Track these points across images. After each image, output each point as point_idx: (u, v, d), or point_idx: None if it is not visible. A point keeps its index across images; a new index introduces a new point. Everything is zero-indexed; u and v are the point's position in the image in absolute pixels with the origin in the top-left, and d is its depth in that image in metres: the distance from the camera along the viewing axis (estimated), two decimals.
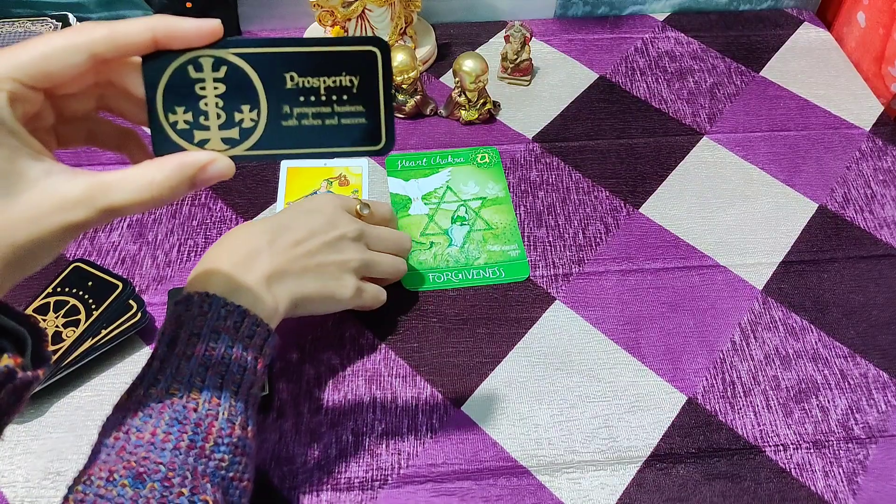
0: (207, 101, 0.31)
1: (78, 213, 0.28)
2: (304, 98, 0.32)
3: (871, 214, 0.68)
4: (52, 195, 0.28)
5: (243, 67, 0.31)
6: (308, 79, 0.32)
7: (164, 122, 0.31)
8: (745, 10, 0.89)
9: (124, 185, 0.29)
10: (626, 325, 0.59)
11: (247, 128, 0.32)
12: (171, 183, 0.30)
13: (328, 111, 0.33)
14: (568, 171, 0.70)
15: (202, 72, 0.31)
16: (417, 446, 0.52)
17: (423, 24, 0.81)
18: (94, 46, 0.29)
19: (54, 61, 0.28)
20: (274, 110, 0.32)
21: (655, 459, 0.52)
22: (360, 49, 0.33)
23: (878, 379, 0.56)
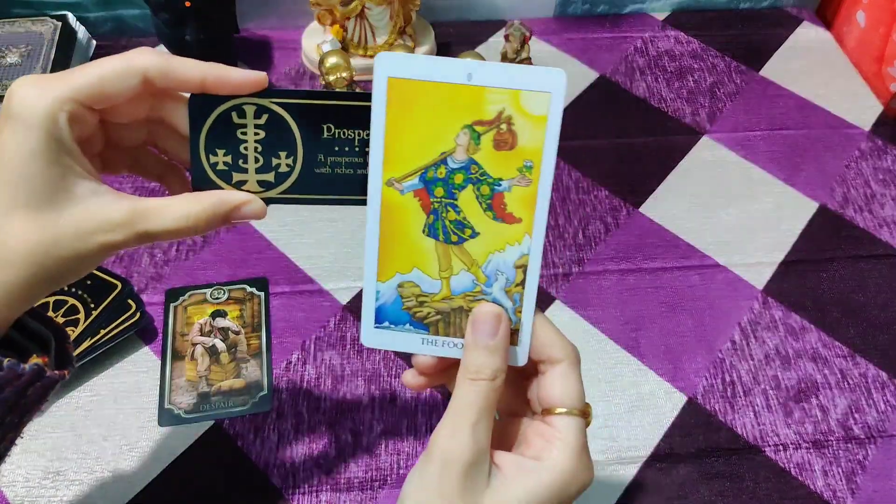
0: (247, 146, 0.33)
1: (118, 234, 0.30)
2: (338, 148, 0.34)
3: (870, 214, 0.68)
4: (97, 215, 0.30)
5: (284, 116, 0.33)
6: (344, 130, 0.33)
7: (204, 162, 0.33)
8: (744, 8, 0.89)
9: (164, 214, 0.31)
10: (626, 325, 0.59)
11: (282, 172, 0.34)
12: (207, 217, 0.32)
13: (360, 162, 0.34)
14: (568, 170, 0.70)
15: (245, 118, 0.33)
16: (417, 446, 0.52)
17: (423, 22, 0.81)
18: (148, 72, 0.30)
19: (110, 83, 0.30)
20: (309, 158, 0.34)
21: (655, 459, 0.52)
22: None
23: (877, 379, 0.56)
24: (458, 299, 0.33)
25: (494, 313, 0.32)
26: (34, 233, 0.29)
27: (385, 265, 0.34)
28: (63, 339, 0.35)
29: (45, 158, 0.28)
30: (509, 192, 0.32)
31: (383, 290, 0.34)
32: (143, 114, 0.33)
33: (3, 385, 0.30)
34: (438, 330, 0.34)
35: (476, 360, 0.32)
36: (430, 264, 0.33)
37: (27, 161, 0.28)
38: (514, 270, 0.33)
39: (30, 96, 0.28)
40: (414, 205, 0.32)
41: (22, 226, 0.29)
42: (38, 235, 0.29)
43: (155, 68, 0.30)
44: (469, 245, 0.33)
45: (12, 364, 0.30)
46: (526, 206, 0.32)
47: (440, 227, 0.33)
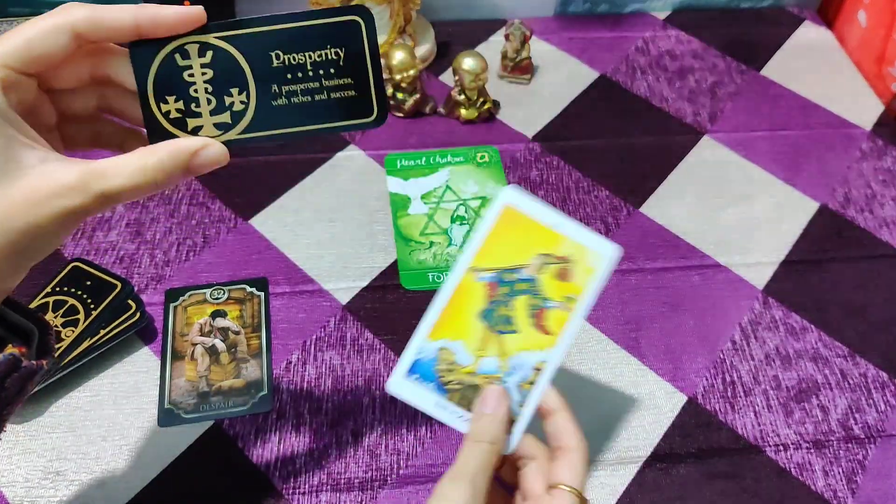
0: (197, 88, 0.32)
1: (74, 198, 0.28)
2: (291, 75, 0.32)
3: (871, 214, 0.68)
4: (48, 181, 0.28)
5: (229, 50, 0.32)
6: (293, 55, 0.32)
7: (156, 112, 0.32)
8: (745, 8, 0.89)
9: (118, 170, 0.29)
10: (627, 325, 0.59)
11: (238, 111, 0.32)
12: (165, 167, 0.30)
13: (317, 86, 0.33)
14: (568, 170, 0.70)
15: (189, 59, 0.31)
16: (417, 446, 0.52)
17: (423, 22, 0.81)
18: (76, 26, 0.29)
19: (39, 43, 0.28)
20: (263, 91, 0.32)
21: (655, 459, 0.52)
22: (341, 20, 0.32)
23: (877, 379, 0.56)
24: (479, 377, 0.39)
25: (500, 391, 0.38)
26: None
27: (439, 328, 0.39)
28: (45, 330, 0.34)
29: None
30: (550, 311, 0.39)
31: (427, 348, 0.39)
32: (85, 74, 0.32)
33: None
34: (454, 398, 0.39)
35: (479, 426, 0.37)
36: (472, 341, 0.39)
37: None
38: (532, 371, 0.39)
39: None
40: (482, 292, 0.40)
41: None
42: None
43: (83, 21, 0.29)
44: (507, 338, 0.39)
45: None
46: (559, 325, 0.39)
47: (493, 316, 0.39)
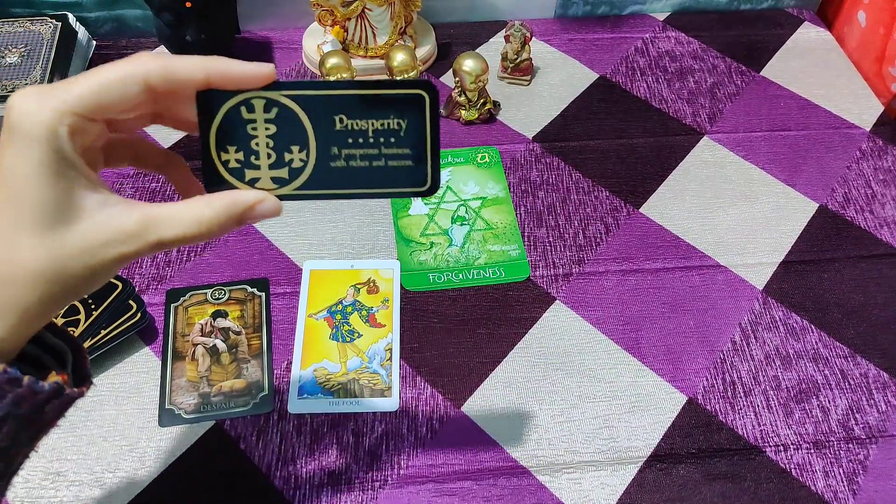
0: (259, 141, 0.32)
1: (130, 245, 0.29)
2: (352, 140, 0.33)
3: (871, 214, 0.68)
4: (107, 227, 0.29)
5: (294, 109, 0.32)
6: (357, 121, 0.32)
7: (216, 160, 0.32)
8: (745, 9, 0.89)
9: (175, 220, 0.30)
10: (627, 325, 0.59)
11: (296, 168, 0.33)
12: (220, 220, 0.31)
13: (376, 153, 0.33)
14: (568, 171, 0.70)
15: (254, 112, 0.32)
16: (417, 446, 0.52)
17: (423, 23, 0.81)
18: (148, 78, 0.29)
19: (110, 93, 0.29)
20: (323, 151, 0.33)
21: (656, 459, 0.52)
22: (408, 92, 0.33)
23: (878, 379, 0.56)
24: (352, 374, 0.55)
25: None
26: (43, 252, 0.28)
27: (305, 359, 0.56)
28: (80, 353, 0.34)
29: (49, 174, 0.27)
30: (377, 313, 0.58)
31: (304, 374, 0.55)
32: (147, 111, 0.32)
33: (21, 402, 0.29)
34: (339, 395, 0.54)
35: None
36: (334, 355, 0.56)
37: (30, 178, 0.27)
38: (384, 352, 0.56)
39: (29, 110, 0.27)
40: (323, 325, 0.58)
41: (30, 245, 0.28)
42: (48, 254, 0.28)
43: (156, 74, 0.29)
44: (357, 342, 0.57)
45: (31, 382, 0.29)
46: (387, 319, 0.58)
47: (340, 335, 0.57)
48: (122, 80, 0.29)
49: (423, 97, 0.33)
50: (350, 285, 0.60)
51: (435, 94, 0.33)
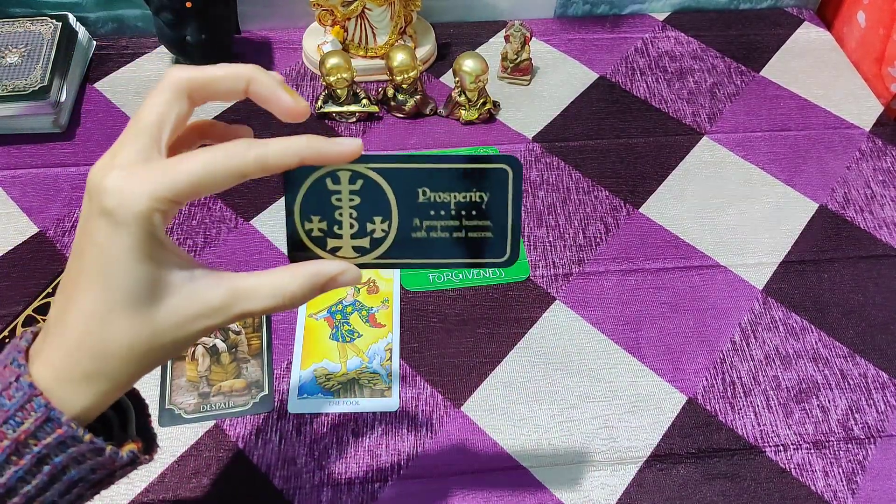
0: (342, 212, 0.33)
1: (216, 318, 0.30)
2: (434, 212, 0.33)
3: (870, 214, 0.68)
4: (195, 303, 0.30)
5: (378, 181, 0.32)
6: (439, 194, 0.33)
7: (300, 229, 0.33)
8: (745, 9, 0.89)
9: (260, 293, 0.31)
10: (626, 325, 0.59)
11: (377, 238, 0.33)
12: (303, 292, 0.31)
13: (456, 225, 0.33)
14: (568, 170, 0.70)
15: (339, 184, 0.32)
16: (417, 446, 0.52)
17: (423, 23, 0.81)
18: (245, 171, 0.29)
19: (206, 184, 0.29)
20: (404, 222, 0.33)
21: (655, 459, 0.52)
22: (492, 167, 0.33)
23: (877, 379, 0.56)
24: (351, 374, 0.55)
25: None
26: (136, 329, 0.29)
27: (305, 359, 0.55)
28: (142, 409, 0.36)
29: (142, 256, 0.28)
30: (376, 313, 0.58)
31: (304, 375, 0.54)
32: None
33: (97, 468, 0.31)
34: (339, 395, 0.54)
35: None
36: (334, 355, 0.56)
37: (124, 260, 0.28)
38: (384, 352, 0.56)
39: (126, 195, 0.28)
40: (323, 325, 0.57)
41: (124, 324, 0.29)
42: (140, 331, 0.29)
43: (254, 167, 0.29)
44: (357, 342, 0.57)
45: (113, 452, 0.30)
46: (387, 319, 0.58)
47: (340, 335, 0.57)
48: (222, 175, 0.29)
49: (507, 172, 0.33)
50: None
51: (519, 169, 0.33)
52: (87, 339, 0.29)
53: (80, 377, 0.29)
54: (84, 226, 0.29)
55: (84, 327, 0.29)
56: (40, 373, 0.29)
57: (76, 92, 0.74)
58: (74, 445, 0.29)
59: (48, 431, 0.29)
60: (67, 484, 0.30)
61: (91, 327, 0.29)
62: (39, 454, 0.29)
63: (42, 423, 0.29)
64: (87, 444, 0.29)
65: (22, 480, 0.29)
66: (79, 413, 0.29)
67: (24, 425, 0.29)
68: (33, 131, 0.70)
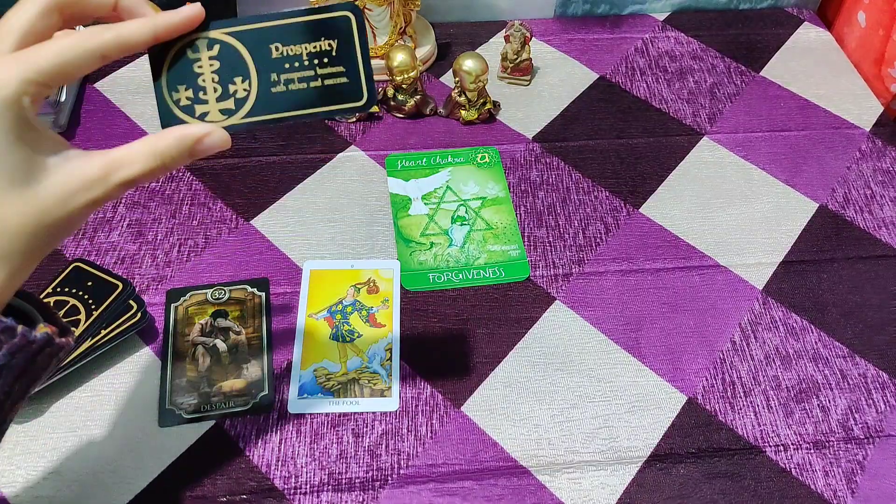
0: (205, 78, 0.35)
1: (98, 189, 0.32)
2: (289, 65, 0.36)
3: (870, 215, 0.68)
4: (74, 178, 0.31)
5: (233, 44, 0.35)
6: (291, 47, 0.36)
7: (168, 100, 0.35)
8: (745, 9, 0.89)
9: (133, 158, 0.32)
10: (626, 325, 0.59)
11: (240, 98, 0.35)
12: (173, 153, 0.33)
13: (311, 74, 0.36)
14: (568, 171, 0.70)
15: (199, 52, 0.35)
16: (417, 446, 0.52)
17: (423, 23, 0.81)
18: (104, 50, 0.32)
19: (69, 65, 0.30)
20: (263, 79, 0.36)
21: (655, 459, 0.52)
22: (334, 16, 0.36)
23: (877, 379, 0.56)
24: (351, 374, 0.55)
25: None
26: (21, 209, 0.30)
27: (305, 359, 0.55)
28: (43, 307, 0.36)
29: (14, 139, 0.29)
30: (377, 313, 0.58)
31: (304, 374, 0.54)
32: None
33: (15, 352, 0.31)
34: (339, 394, 0.54)
35: None
36: (334, 355, 0.56)
37: None
38: (384, 352, 0.56)
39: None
40: (323, 324, 0.57)
41: (7, 206, 0.30)
42: (25, 211, 0.30)
43: (111, 46, 0.31)
44: (357, 342, 0.57)
45: (25, 331, 0.31)
46: (387, 319, 0.58)
47: (340, 335, 0.57)
48: (81, 53, 0.31)
49: (350, 17, 0.36)
50: (350, 285, 0.60)
51: (359, 14, 0.36)
52: None
53: None
54: None
55: None
56: None
57: (76, 92, 0.74)
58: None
59: None
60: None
61: None
62: None
63: None
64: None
65: None
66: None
67: None
68: None
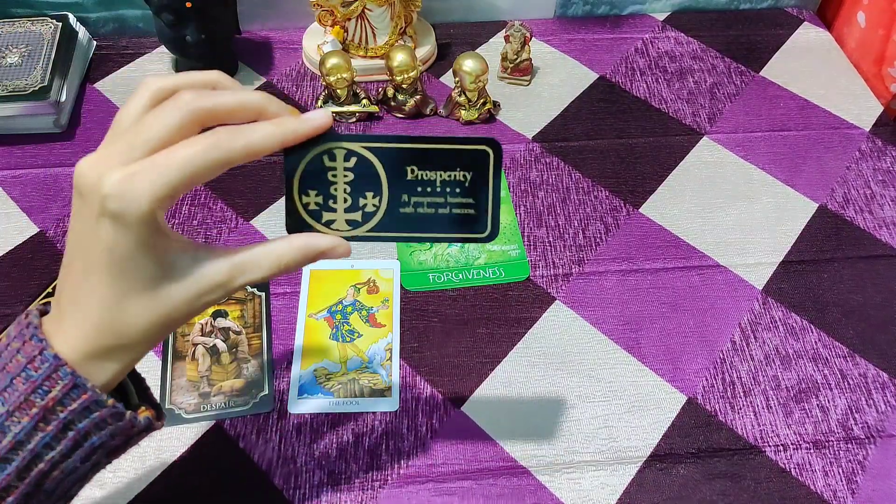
0: (337, 187, 0.35)
1: (222, 291, 0.33)
2: (421, 189, 0.36)
3: (870, 215, 0.68)
4: (202, 281, 0.32)
5: (371, 159, 0.35)
6: (427, 172, 0.36)
7: (297, 203, 0.35)
8: (745, 9, 0.89)
9: (258, 264, 0.33)
10: (626, 325, 0.59)
11: (369, 212, 0.36)
12: (297, 262, 0.34)
13: (442, 201, 0.36)
14: (568, 171, 0.70)
15: (335, 161, 0.35)
16: (417, 446, 0.52)
17: (423, 23, 0.81)
18: (232, 160, 0.31)
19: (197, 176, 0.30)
20: (394, 198, 0.36)
21: (655, 459, 0.52)
22: (475, 148, 0.36)
23: (877, 379, 0.56)
24: (352, 374, 0.55)
25: None
26: (150, 310, 0.31)
27: (305, 359, 0.55)
28: (139, 382, 0.37)
29: (148, 249, 0.30)
30: (377, 313, 0.58)
31: (304, 374, 0.55)
32: None
33: (117, 433, 0.33)
34: (339, 394, 0.54)
35: None
36: (334, 355, 0.56)
37: (133, 256, 0.30)
38: (384, 352, 0.56)
39: (128, 199, 0.29)
40: (324, 325, 0.57)
41: (139, 308, 0.31)
42: (154, 311, 0.32)
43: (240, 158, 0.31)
44: (357, 342, 0.57)
45: (132, 416, 0.33)
46: (387, 319, 0.58)
47: (340, 334, 0.57)
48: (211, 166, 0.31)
49: (488, 153, 0.36)
50: (350, 285, 0.60)
51: (499, 151, 0.36)
52: (105, 322, 0.31)
53: (102, 352, 0.32)
54: (84, 224, 0.31)
55: (102, 313, 0.31)
56: (61, 349, 0.31)
57: (76, 92, 0.74)
58: (97, 411, 0.31)
59: (74, 398, 0.31)
60: (88, 450, 0.32)
61: (109, 313, 0.31)
62: (65, 420, 0.31)
63: (69, 390, 0.31)
64: (110, 408, 0.31)
65: (47, 447, 0.31)
66: (101, 384, 0.32)
67: (51, 393, 0.30)
68: (34, 131, 0.70)
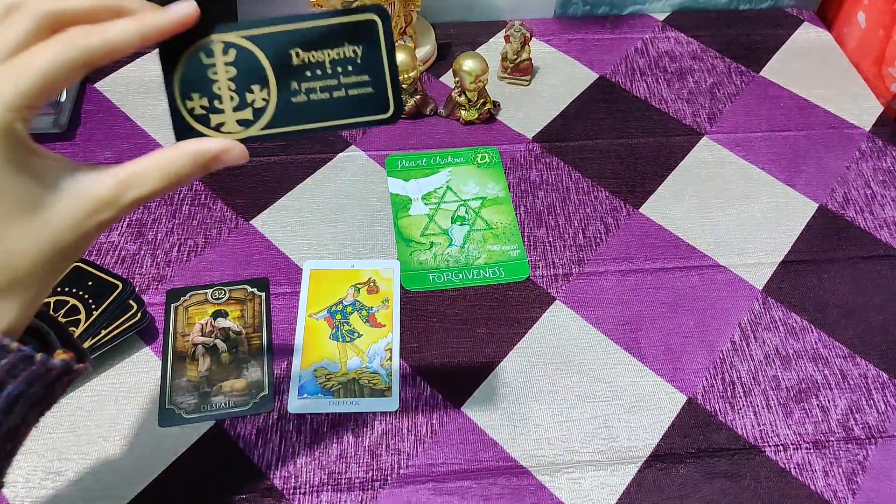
0: (220, 85, 0.33)
1: (109, 211, 0.30)
2: (310, 73, 0.33)
3: (871, 215, 0.68)
4: (85, 200, 0.30)
5: (251, 49, 0.32)
6: (312, 53, 0.33)
7: (182, 109, 0.33)
8: (745, 9, 0.89)
9: (145, 177, 0.31)
10: (626, 325, 0.59)
11: (259, 107, 0.33)
12: (188, 170, 0.32)
13: (335, 83, 0.33)
14: (568, 171, 0.70)
15: (213, 57, 0.32)
16: (417, 446, 0.52)
17: (423, 23, 0.81)
18: (89, 60, 0.29)
19: (54, 81, 0.29)
20: (283, 87, 0.33)
21: (655, 459, 0.52)
22: (359, 19, 0.33)
23: (877, 379, 0.56)
24: (352, 374, 0.55)
25: None
26: (34, 236, 0.29)
27: (305, 359, 0.55)
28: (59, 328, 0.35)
29: (15, 167, 0.28)
30: (377, 313, 0.58)
31: (304, 374, 0.55)
32: None
33: (34, 380, 0.30)
34: (339, 394, 0.54)
35: None
36: (334, 355, 0.56)
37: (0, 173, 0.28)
38: (384, 352, 0.56)
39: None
40: (324, 325, 0.57)
41: (21, 235, 0.29)
42: (38, 237, 0.29)
43: (98, 55, 0.29)
44: (357, 342, 0.57)
45: (44, 358, 0.30)
46: (387, 319, 0.58)
47: (340, 335, 0.57)
48: (67, 67, 0.29)
49: (376, 21, 0.33)
50: (350, 285, 0.60)
51: (387, 18, 0.33)
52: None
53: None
54: None
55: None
56: None
57: (76, 92, 0.74)
58: (4, 357, 0.29)
59: None
60: (7, 400, 0.29)
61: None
62: None
63: None
64: (16, 352, 0.29)
65: None
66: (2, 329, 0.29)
67: None
68: (33, 131, 0.68)
